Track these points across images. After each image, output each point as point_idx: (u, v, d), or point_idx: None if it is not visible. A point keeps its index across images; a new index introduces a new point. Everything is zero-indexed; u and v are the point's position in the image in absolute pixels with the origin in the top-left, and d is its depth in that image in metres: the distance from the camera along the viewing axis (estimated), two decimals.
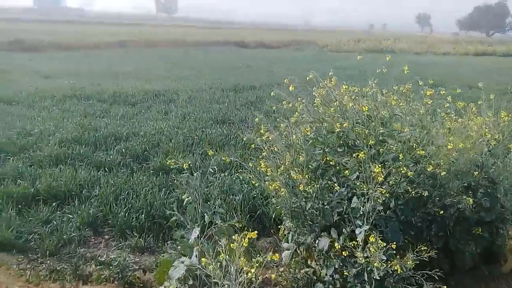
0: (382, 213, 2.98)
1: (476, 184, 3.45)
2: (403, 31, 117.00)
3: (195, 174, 3.43)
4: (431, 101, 3.22)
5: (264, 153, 3.48)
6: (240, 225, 3.54)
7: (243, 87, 13.40)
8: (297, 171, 3.27)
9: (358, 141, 3.21)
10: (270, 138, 3.53)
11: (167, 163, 3.50)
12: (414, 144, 3.00)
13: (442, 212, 3.10)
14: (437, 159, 2.97)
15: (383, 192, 2.83)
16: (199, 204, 3.28)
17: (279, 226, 4.69)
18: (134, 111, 9.67)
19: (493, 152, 3.46)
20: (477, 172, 3.28)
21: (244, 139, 3.79)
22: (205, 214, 3.30)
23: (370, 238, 2.65)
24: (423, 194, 2.85)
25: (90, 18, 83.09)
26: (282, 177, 3.31)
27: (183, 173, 5.90)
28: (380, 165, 2.81)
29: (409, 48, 38.99)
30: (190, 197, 3.29)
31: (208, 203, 4.88)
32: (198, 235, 3.18)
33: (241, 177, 5.40)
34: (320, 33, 68.74)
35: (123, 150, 6.68)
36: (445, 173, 2.90)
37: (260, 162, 3.50)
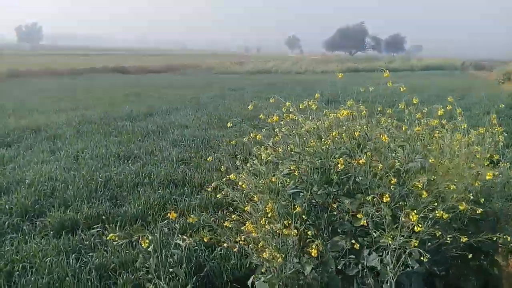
0: (408, 268, 2.30)
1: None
2: (275, 53, 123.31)
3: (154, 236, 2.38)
4: (435, 120, 2.66)
5: (247, 207, 2.57)
6: None
7: (138, 116, 12.13)
8: (286, 223, 2.45)
9: (360, 178, 2.50)
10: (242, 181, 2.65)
11: (108, 237, 2.40)
12: (433, 177, 2.38)
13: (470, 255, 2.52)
14: (460, 193, 2.38)
15: (415, 245, 2.16)
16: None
17: (234, 284, 3.82)
18: (11, 153, 7.90)
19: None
20: (483, 200, 2.79)
21: (211, 186, 2.81)
22: None
23: None
24: (460, 238, 2.23)
25: None
26: (269, 236, 2.44)
27: (94, 229, 4.73)
28: (412, 210, 2.13)
29: (289, 69, 40.61)
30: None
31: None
32: None
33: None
34: (201, 56, 68.77)
35: (6, 206, 5.17)
36: (481, 210, 2.32)
37: (234, 217, 2.59)
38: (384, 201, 2.17)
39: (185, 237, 2.29)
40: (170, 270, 2.32)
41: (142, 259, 2.29)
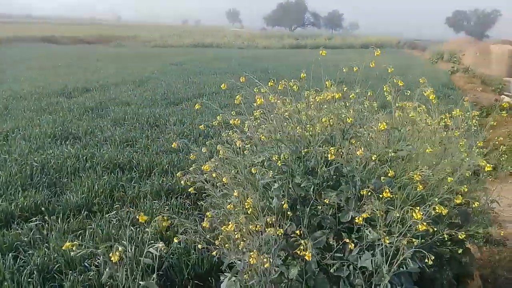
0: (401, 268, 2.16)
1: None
2: (216, 26, 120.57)
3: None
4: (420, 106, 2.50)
5: (230, 206, 2.27)
6: None
7: (74, 91, 11.25)
8: (269, 221, 2.20)
9: (348, 168, 2.30)
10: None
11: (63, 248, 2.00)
12: (425, 167, 2.22)
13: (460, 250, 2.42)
14: (453, 184, 2.26)
15: (414, 242, 2.00)
16: None
17: (196, 282, 3.54)
18: None
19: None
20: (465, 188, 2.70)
21: (183, 178, 2.49)
22: None
23: None
24: (460, 235, 2.11)
25: None
26: (249, 236, 2.18)
27: (32, 222, 4.22)
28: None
29: (231, 43, 39.95)
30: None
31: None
32: None
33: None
34: (136, 28, 65.80)
35: None
36: (478, 203, 2.21)
37: (209, 215, 2.30)
38: (385, 196, 1.98)
39: (159, 244, 1.96)
40: (141, 283, 2.00)
41: (108, 273, 1.93)
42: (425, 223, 1.87)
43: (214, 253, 2.35)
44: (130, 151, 6.32)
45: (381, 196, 2.00)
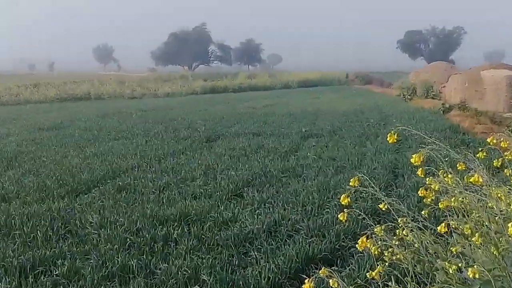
0: None
1: None
2: (81, 70, 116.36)
3: None
4: None
5: None
6: None
7: None
8: None
9: None
10: None
11: None
12: None
13: None
14: None
15: None
16: None
17: None
18: None
19: None
20: None
21: None
22: None
23: None
24: None
25: None
26: None
27: None
28: None
29: (116, 91, 39.36)
30: None
31: None
32: None
33: None
34: None
35: None
36: None
37: None
38: None
39: None
40: None
41: None
42: None
43: None
44: (52, 283, 5.20)
45: None
